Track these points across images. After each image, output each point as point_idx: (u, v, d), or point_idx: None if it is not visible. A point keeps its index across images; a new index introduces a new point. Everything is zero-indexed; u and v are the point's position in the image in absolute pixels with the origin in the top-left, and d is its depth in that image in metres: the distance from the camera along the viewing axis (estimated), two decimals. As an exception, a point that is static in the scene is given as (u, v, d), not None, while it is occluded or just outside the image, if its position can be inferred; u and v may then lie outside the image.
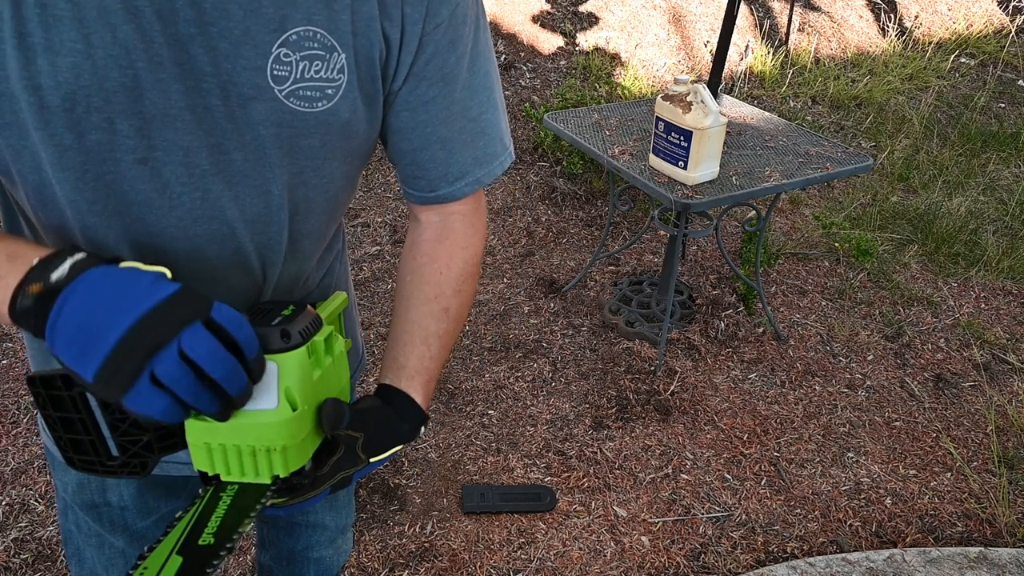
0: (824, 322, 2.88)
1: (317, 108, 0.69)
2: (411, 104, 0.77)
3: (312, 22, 0.66)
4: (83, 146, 0.64)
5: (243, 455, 0.65)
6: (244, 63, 0.65)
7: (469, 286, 0.89)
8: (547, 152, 3.70)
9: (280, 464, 0.65)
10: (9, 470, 2.08)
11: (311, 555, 1.27)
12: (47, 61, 0.59)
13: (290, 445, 0.65)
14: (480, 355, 2.61)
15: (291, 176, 0.74)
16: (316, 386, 0.68)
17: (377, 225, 3.31)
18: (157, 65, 0.62)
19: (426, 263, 0.86)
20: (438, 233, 0.87)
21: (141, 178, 0.68)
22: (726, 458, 2.26)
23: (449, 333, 0.86)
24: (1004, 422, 2.45)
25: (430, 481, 2.13)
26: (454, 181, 0.83)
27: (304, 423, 0.66)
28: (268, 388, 0.64)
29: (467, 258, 0.88)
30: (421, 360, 0.83)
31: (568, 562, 1.92)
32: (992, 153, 4.23)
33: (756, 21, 4.89)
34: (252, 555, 1.89)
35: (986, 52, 5.31)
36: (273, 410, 0.64)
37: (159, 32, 0.61)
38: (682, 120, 2.13)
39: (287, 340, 0.65)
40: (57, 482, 0.98)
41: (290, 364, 0.65)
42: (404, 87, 0.75)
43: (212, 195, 0.71)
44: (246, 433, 0.64)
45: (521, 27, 4.33)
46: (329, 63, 0.68)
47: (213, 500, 0.65)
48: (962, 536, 2.06)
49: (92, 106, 0.62)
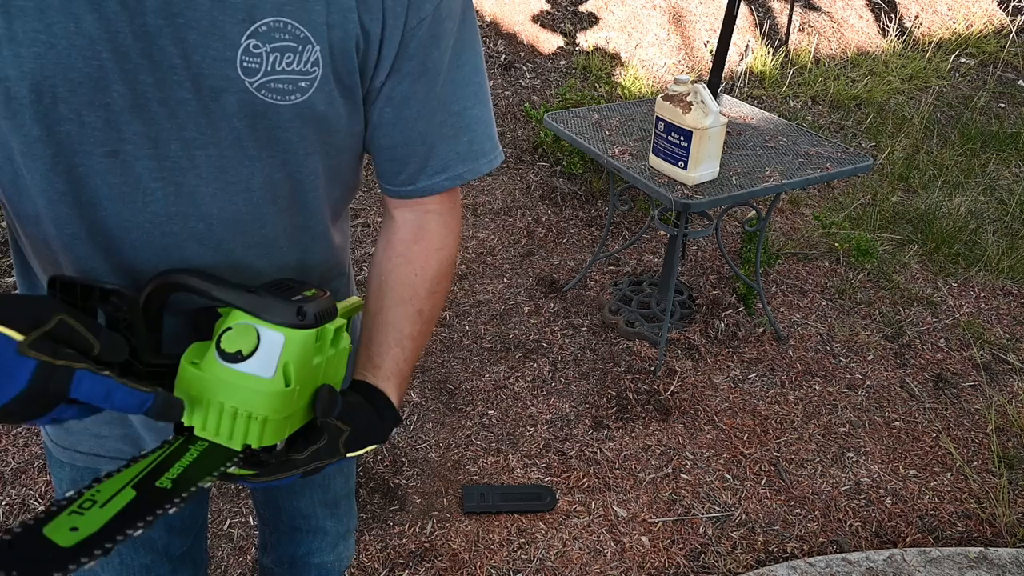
0: (824, 322, 2.88)
1: (290, 101, 0.68)
2: (393, 100, 0.75)
3: (283, 13, 0.64)
4: (52, 138, 0.64)
5: (223, 415, 0.65)
6: (213, 54, 0.64)
7: (443, 287, 0.88)
8: (547, 152, 3.70)
9: (255, 434, 0.65)
10: (9, 470, 2.08)
11: (312, 560, 1.27)
12: (11, 52, 0.59)
13: (271, 418, 0.65)
14: (480, 355, 2.61)
15: (272, 171, 0.73)
16: (313, 371, 0.68)
17: (377, 225, 3.31)
18: (123, 56, 0.62)
19: (401, 264, 0.85)
20: (413, 233, 0.86)
21: (112, 171, 0.67)
22: (726, 458, 2.26)
23: (422, 335, 0.86)
24: (1004, 422, 2.45)
25: (430, 481, 2.13)
26: (433, 175, 0.82)
27: (291, 402, 0.66)
28: (269, 358, 0.64)
29: (442, 259, 0.87)
30: (396, 362, 0.83)
31: (568, 562, 1.92)
32: (992, 153, 4.23)
33: (756, 21, 4.89)
34: (252, 555, 1.89)
35: (986, 52, 5.31)
36: (268, 379, 0.64)
37: (125, 23, 0.61)
38: (682, 120, 2.13)
39: (300, 318, 0.65)
40: (54, 478, 0.98)
41: (295, 341, 0.65)
42: (387, 83, 0.74)
43: (186, 189, 0.70)
44: (234, 393, 0.64)
45: (521, 27, 4.33)
46: (302, 55, 0.67)
47: (180, 449, 0.65)
48: (962, 536, 2.06)
49: (58, 97, 0.62)
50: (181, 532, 1.04)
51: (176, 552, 1.03)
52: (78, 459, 0.93)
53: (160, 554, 1.01)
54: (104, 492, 0.58)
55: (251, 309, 0.66)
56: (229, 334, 0.65)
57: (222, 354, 0.65)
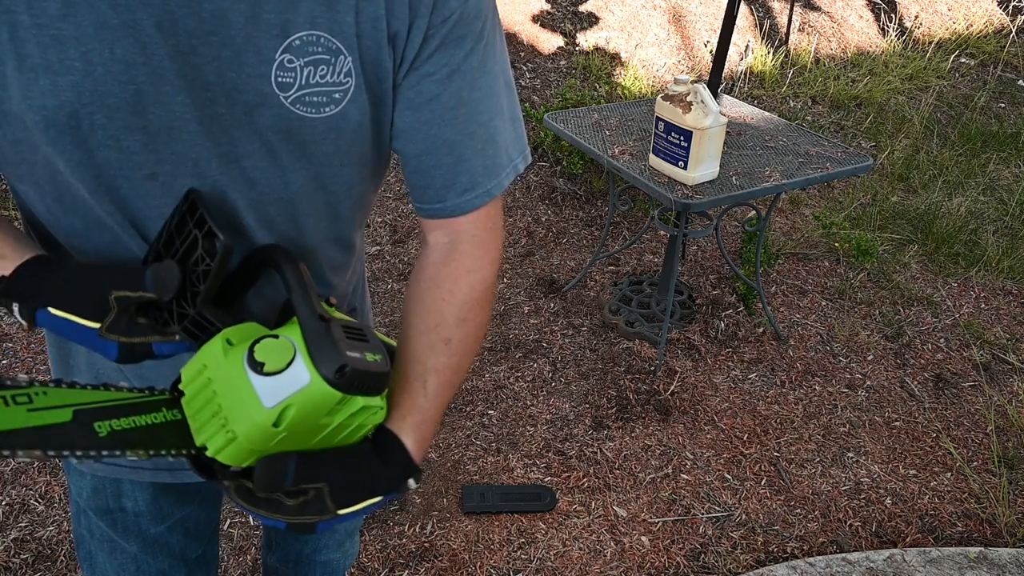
0: (824, 322, 2.88)
1: (325, 113, 0.68)
2: (414, 102, 0.72)
3: (315, 26, 0.64)
4: (93, 162, 0.64)
5: (208, 404, 0.61)
6: (248, 71, 0.64)
7: (477, 315, 0.79)
8: (547, 152, 3.70)
9: (218, 443, 0.60)
10: (9, 470, 2.08)
11: (318, 558, 1.27)
12: (49, 81, 0.59)
13: (240, 441, 0.60)
14: (480, 355, 2.61)
15: (307, 182, 0.72)
16: (316, 428, 0.62)
17: (377, 225, 3.31)
18: (159, 78, 0.62)
19: (429, 288, 0.79)
20: (444, 256, 0.79)
21: (153, 194, 0.68)
22: (726, 458, 2.26)
23: (450, 368, 0.77)
24: (1004, 422, 2.45)
25: (430, 481, 2.13)
26: (463, 192, 0.76)
27: (270, 440, 0.60)
28: (281, 389, 0.59)
29: (473, 283, 0.79)
30: (414, 398, 0.74)
31: (568, 562, 1.92)
32: (992, 153, 4.23)
33: (756, 21, 4.89)
34: (252, 555, 1.89)
35: (986, 52, 5.31)
36: (263, 407, 0.59)
37: (160, 44, 0.61)
38: (682, 120, 2.13)
39: (338, 376, 0.59)
40: (72, 486, 0.97)
41: (314, 392, 0.59)
42: (405, 82, 0.72)
43: (227, 205, 0.70)
44: (229, 396, 0.60)
45: (521, 27, 4.33)
46: (335, 67, 0.66)
47: (152, 406, 0.62)
48: (962, 536, 2.06)
49: (96, 124, 0.62)
50: (197, 536, 1.04)
51: (192, 555, 1.04)
52: (98, 469, 0.92)
53: (177, 559, 1.01)
54: (46, 398, 0.54)
55: (306, 334, 0.61)
56: (269, 342, 0.61)
57: (250, 354, 0.61)
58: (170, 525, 0.98)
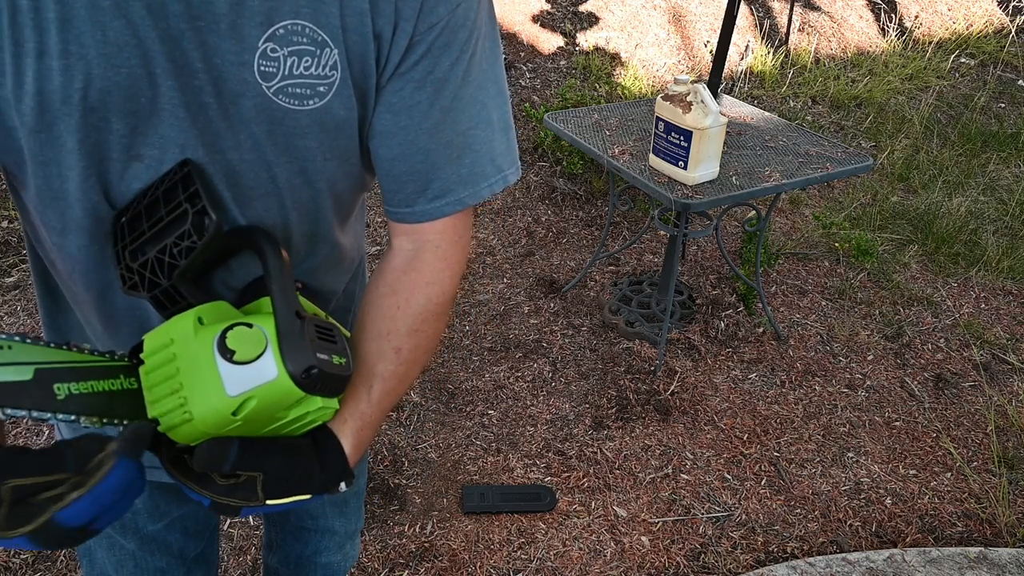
0: (824, 322, 2.88)
1: (308, 106, 0.67)
2: (394, 107, 0.71)
3: (300, 15, 0.64)
4: (83, 149, 0.64)
5: (169, 380, 0.61)
6: (231, 58, 0.63)
7: (430, 327, 0.79)
8: (547, 152, 3.70)
9: (171, 420, 0.60)
10: (9, 470, 2.08)
11: (319, 560, 1.27)
12: (43, 65, 0.59)
13: (197, 423, 0.59)
14: (480, 355, 2.61)
15: (292, 176, 0.72)
16: (271, 419, 0.63)
17: (377, 225, 3.31)
18: (150, 60, 0.62)
19: (386, 294, 0.78)
20: (406, 263, 0.79)
21: (138, 176, 0.67)
22: (726, 458, 2.26)
23: (397, 376, 0.76)
24: (1004, 422, 2.45)
25: (430, 481, 2.13)
26: (433, 199, 0.76)
27: (224, 426, 0.60)
28: (246, 380, 0.59)
29: (431, 295, 0.78)
30: (358, 403, 0.73)
31: (568, 562, 1.92)
32: (992, 153, 4.23)
33: (756, 21, 4.89)
34: (252, 555, 1.89)
35: (986, 52, 5.31)
36: (224, 395, 0.59)
37: (151, 27, 0.60)
38: (682, 120, 2.13)
39: (304, 376, 0.60)
40: None
41: (279, 388, 0.60)
42: (388, 86, 0.71)
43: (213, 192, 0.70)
44: (192, 376, 0.60)
45: (521, 27, 4.33)
46: (320, 59, 0.65)
47: (110, 371, 0.61)
48: (962, 536, 2.06)
49: (89, 106, 0.62)
50: (195, 534, 1.04)
51: (191, 554, 1.04)
52: None
53: (176, 557, 1.01)
54: (11, 353, 0.54)
55: (280, 330, 0.61)
56: (243, 331, 0.61)
57: (221, 339, 0.60)
58: (168, 523, 0.98)
